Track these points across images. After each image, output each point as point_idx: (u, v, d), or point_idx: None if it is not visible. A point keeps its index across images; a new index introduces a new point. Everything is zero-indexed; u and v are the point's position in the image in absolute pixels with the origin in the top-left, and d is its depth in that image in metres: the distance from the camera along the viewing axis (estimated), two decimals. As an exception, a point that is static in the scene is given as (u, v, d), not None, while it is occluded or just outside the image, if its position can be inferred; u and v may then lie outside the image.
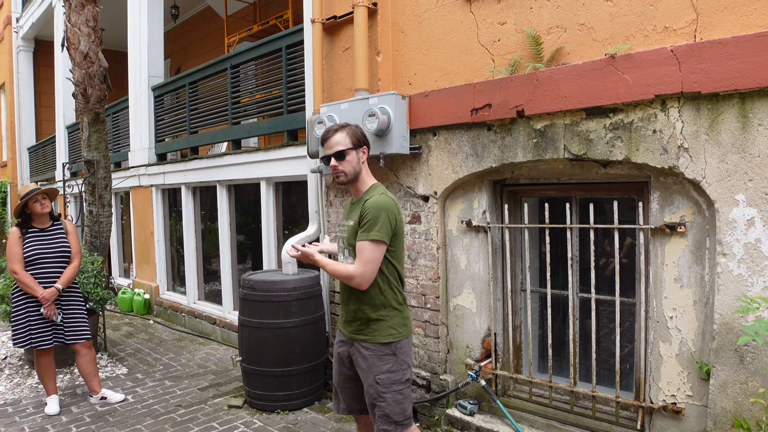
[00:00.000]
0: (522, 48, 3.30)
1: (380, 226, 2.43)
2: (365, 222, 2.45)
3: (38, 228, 4.30)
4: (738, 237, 2.55)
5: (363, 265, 2.44)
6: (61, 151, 10.59)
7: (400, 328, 2.58)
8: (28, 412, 4.35)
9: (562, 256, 3.43)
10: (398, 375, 2.55)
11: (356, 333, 2.60)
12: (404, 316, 2.61)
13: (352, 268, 2.46)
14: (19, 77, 12.93)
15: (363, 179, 2.63)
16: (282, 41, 5.37)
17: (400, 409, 2.54)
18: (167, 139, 7.58)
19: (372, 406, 2.57)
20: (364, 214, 2.47)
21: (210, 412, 4.28)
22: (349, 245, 2.59)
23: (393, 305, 2.57)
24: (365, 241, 2.44)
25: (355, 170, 2.58)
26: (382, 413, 2.53)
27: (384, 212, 2.45)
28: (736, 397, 2.58)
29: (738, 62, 2.48)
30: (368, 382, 2.55)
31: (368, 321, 2.55)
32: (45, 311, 4.16)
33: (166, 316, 7.49)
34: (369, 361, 2.54)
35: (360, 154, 2.59)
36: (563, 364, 3.61)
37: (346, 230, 2.61)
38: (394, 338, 2.55)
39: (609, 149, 2.92)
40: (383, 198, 2.50)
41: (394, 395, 2.53)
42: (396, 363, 2.55)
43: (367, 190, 2.62)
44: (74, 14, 5.89)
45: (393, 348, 2.54)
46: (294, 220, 5.83)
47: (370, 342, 2.55)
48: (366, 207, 2.48)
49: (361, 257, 2.45)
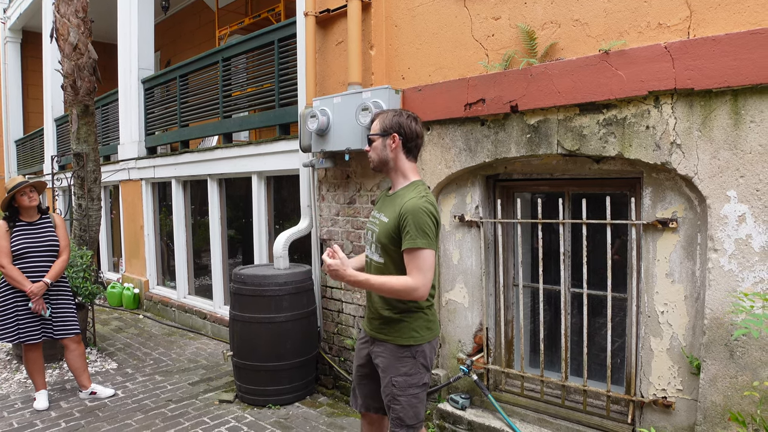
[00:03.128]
0: (516, 43, 3.30)
1: (428, 231, 2.31)
2: (410, 228, 2.30)
3: (26, 221, 4.25)
4: (729, 233, 2.57)
5: (422, 273, 2.29)
6: (49, 143, 10.47)
7: (423, 331, 2.47)
8: (17, 408, 4.31)
9: (554, 252, 3.44)
10: (415, 378, 2.47)
11: (377, 332, 2.53)
12: (428, 320, 2.49)
13: (412, 281, 2.28)
14: (6, 69, 12.76)
15: (400, 171, 2.50)
16: (274, 34, 5.34)
17: (414, 413, 2.49)
18: (157, 132, 7.51)
19: (387, 407, 2.53)
20: (404, 218, 2.32)
21: (201, 406, 4.27)
22: (378, 242, 2.46)
23: (418, 306, 2.46)
24: (419, 250, 2.29)
25: (380, 158, 2.48)
26: (395, 416, 2.48)
27: (429, 217, 2.32)
28: (725, 391, 2.60)
29: (731, 59, 2.50)
30: (385, 383, 2.50)
31: (390, 321, 2.47)
32: (33, 306, 4.12)
33: (156, 311, 7.45)
34: (387, 362, 2.48)
35: (388, 142, 2.45)
36: (555, 358, 3.62)
37: (379, 225, 2.48)
38: (415, 341, 2.45)
39: (602, 145, 2.93)
40: (424, 201, 2.35)
41: (409, 399, 2.46)
42: (414, 366, 2.46)
43: (407, 186, 2.48)
44: (63, 5, 5.81)
45: (413, 351, 2.45)
46: (285, 214, 5.80)
47: (390, 343, 2.48)
48: (406, 210, 2.32)
49: (419, 266, 2.29)
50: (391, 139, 2.45)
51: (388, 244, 2.41)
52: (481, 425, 3.43)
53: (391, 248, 2.40)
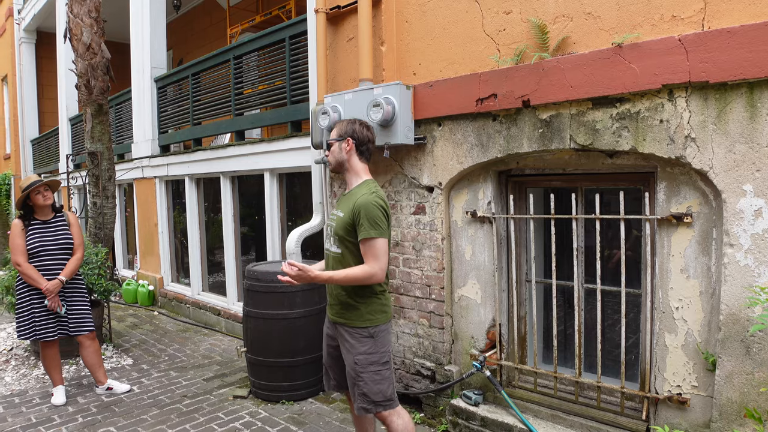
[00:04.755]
0: (528, 37, 3.28)
1: (379, 222, 2.60)
2: (363, 221, 2.59)
3: (41, 220, 4.30)
4: (745, 227, 2.54)
5: (376, 260, 2.60)
6: (64, 143, 10.59)
7: (378, 314, 2.73)
8: (35, 403, 4.37)
9: (567, 247, 3.42)
10: (375, 357, 2.70)
11: (338, 317, 2.78)
12: (383, 303, 2.77)
13: (368, 268, 2.60)
14: (21, 69, 12.91)
15: (353, 171, 2.80)
16: (285, 32, 5.35)
17: (378, 389, 2.69)
18: (170, 130, 7.56)
19: (352, 385, 2.74)
20: (357, 212, 2.62)
21: (215, 402, 4.30)
22: (335, 234, 2.74)
23: (371, 293, 2.72)
24: (373, 239, 2.59)
25: (337, 159, 2.79)
26: (360, 392, 2.70)
27: (378, 210, 2.61)
28: (741, 388, 2.58)
29: (746, 51, 2.46)
30: (349, 363, 2.73)
31: (348, 306, 2.73)
32: (49, 303, 4.17)
33: (171, 308, 7.51)
34: (349, 343, 2.73)
35: (343, 145, 2.76)
36: (568, 354, 3.61)
37: (336, 220, 2.77)
38: (371, 323, 2.71)
39: (615, 139, 2.91)
40: (374, 197, 2.65)
41: (371, 375, 2.68)
42: (374, 345, 2.71)
43: (360, 184, 2.77)
44: (76, 5, 5.87)
45: (370, 331, 2.71)
46: (298, 211, 5.82)
47: (349, 326, 2.73)
48: (359, 205, 2.62)
49: (374, 254, 2.60)
50: (346, 142, 2.77)
51: (344, 236, 2.70)
52: (494, 421, 3.43)
53: (347, 240, 2.69)
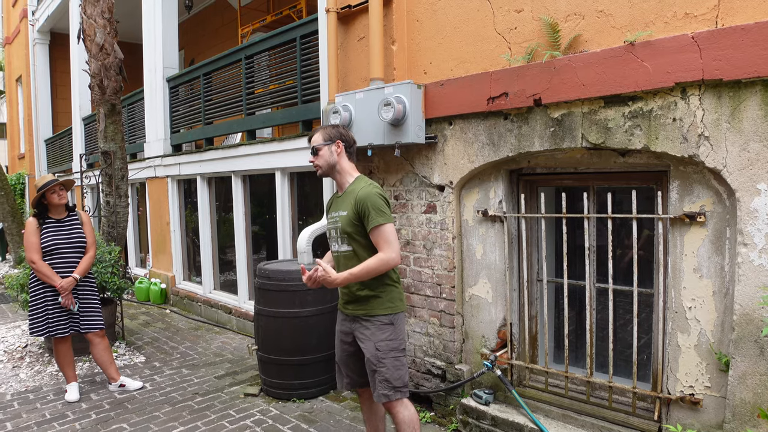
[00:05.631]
0: (539, 36, 3.26)
1: (384, 210, 2.71)
2: (369, 211, 2.69)
3: (55, 219, 4.36)
4: (759, 227, 2.51)
5: (390, 245, 2.70)
6: (77, 142, 10.70)
7: (397, 302, 2.86)
8: (49, 399, 4.43)
9: (578, 246, 3.41)
10: (395, 343, 2.81)
11: (357, 310, 2.85)
12: (400, 291, 2.89)
13: (383, 255, 2.69)
14: (35, 70, 13.06)
15: (344, 172, 2.89)
16: (296, 31, 5.37)
17: (399, 374, 2.79)
18: (182, 130, 7.62)
19: (373, 372, 2.80)
20: (361, 205, 2.71)
21: (227, 400, 4.33)
22: (344, 233, 2.81)
23: (388, 282, 2.83)
24: (383, 225, 2.69)
25: (329, 163, 2.86)
26: (382, 378, 2.77)
27: (380, 198, 2.73)
28: (755, 389, 2.55)
29: (761, 49, 2.44)
30: (369, 351, 2.79)
31: (367, 298, 2.81)
32: (63, 300, 4.22)
33: (183, 306, 7.57)
34: (369, 331, 2.80)
35: (333, 148, 2.85)
36: (579, 354, 3.60)
37: (340, 220, 2.83)
38: (392, 311, 2.83)
39: (628, 138, 2.89)
40: (373, 188, 2.76)
41: (392, 361, 2.78)
42: (393, 332, 2.82)
43: (354, 182, 2.87)
44: (90, 6, 5.92)
45: (391, 318, 2.82)
46: (308, 210, 5.84)
47: (371, 315, 2.81)
48: (361, 198, 2.72)
49: (386, 239, 2.70)
50: (336, 145, 2.86)
51: (352, 233, 2.77)
52: (505, 421, 3.42)
53: (356, 235, 2.77)
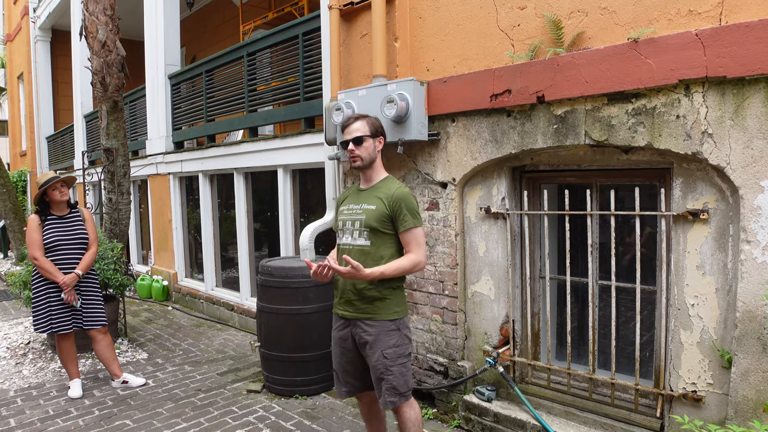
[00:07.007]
0: (542, 33, 3.26)
1: (418, 213, 2.69)
2: (405, 212, 2.63)
3: (56, 215, 4.36)
4: (763, 224, 2.52)
5: (420, 248, 2.68)
6: (79, 139, 10.70)
7: (403, 306, 2.77)
8: (52, 396, 4.44)
9: (581, 243, 3.41)
10: (402, 349, 2.72)
11: (362, 312, 2.71)
12: (405, 295, 2.82)
13: (414, 256, 2.66)
14: (36, 67, 13.06)
15: (377, 168, 2.81)
16: (298, 28, 5.36)
17: (405, 380, 2.72)
18: (184, 127, 7.62)
19: (379, 380, 2.70)
20: (397, 204, 2.64)
21: (229, 396, 4.34)
22: (367, 227, 2.69)
23: (398, 285, 2.75)
24: (416, 228, 2.67)
25: (371, 157, 2.76)
26: (389, 386, 2.68)
27: (416, 202, 2.71)
28: (758, 386, 2.56)
29: (765, 46, 2.43)
30: (375, 357, 2.68)
31: (374, 300, 2.69)
32: (66, 296, 4.23)
33: (185, 303, 7.58)
34: (375, 337, 2.68)
35: (376, 143, 2.77)
36: (582, 351, 3.60)
37: (365, 213, 2.72)
38: (398, 315, 2.72)
39: (631, 135, 2.89)
40: (408, 190, 2.72)
41: (399, 368, 2.69)
42: (400, 338, 2.72)
43: (383, 179, 2.80)
44: (92, 3, 5.92)
45: (398, 324, 2.72)
46: (311, 207, 5.85)
47: (376, 320, 2.69)
48: (398, 198, 2.65)
49: (418, 242, 2.68)
50: (379, 141, 2.79)
51: (378, 228, 2.67)
52: (507, 417, 3.43)
53: (381, 231, 2.68)
